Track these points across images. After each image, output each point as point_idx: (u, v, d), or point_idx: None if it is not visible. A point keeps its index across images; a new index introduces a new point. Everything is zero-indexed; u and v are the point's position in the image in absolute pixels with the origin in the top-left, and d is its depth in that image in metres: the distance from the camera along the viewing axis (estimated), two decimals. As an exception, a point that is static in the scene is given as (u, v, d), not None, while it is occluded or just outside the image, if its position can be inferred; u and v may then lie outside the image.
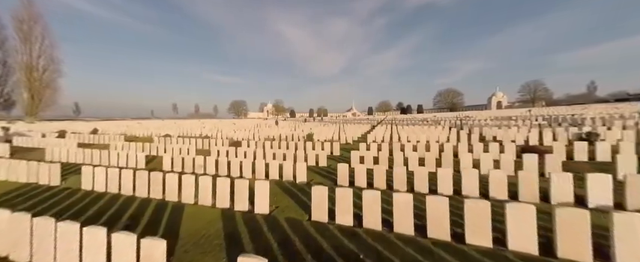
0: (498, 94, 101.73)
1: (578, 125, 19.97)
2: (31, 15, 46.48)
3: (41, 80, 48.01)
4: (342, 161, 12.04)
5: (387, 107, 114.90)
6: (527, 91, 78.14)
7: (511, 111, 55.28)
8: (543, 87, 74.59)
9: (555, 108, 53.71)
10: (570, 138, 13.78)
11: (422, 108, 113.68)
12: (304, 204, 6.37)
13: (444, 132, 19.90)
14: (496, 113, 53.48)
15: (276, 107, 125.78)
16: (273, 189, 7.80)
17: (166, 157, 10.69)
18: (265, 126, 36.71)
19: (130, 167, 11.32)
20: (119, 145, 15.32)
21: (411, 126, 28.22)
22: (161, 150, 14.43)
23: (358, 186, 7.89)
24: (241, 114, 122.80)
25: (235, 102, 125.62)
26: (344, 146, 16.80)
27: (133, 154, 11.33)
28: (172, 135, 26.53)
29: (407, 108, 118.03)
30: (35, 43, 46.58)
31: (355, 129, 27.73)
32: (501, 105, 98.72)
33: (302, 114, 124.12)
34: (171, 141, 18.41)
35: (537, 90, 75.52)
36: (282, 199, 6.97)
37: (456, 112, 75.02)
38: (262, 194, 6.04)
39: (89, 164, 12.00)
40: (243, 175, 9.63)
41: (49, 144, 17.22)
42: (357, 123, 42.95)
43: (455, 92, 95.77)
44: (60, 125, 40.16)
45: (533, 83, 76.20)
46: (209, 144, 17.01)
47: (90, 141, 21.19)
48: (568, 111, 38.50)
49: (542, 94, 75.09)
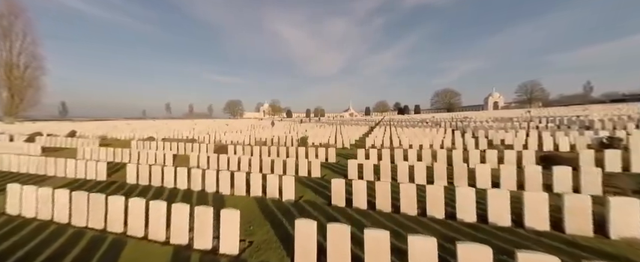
0: (495, 95, 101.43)
1: (589, 128, 18.85)
2: (12, 9, 44.12)
3: (23, 78, 45.66)
4: (339, 171, 10.68)
5: (385, 107, 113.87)
6: (524, 92, 77.56)
7: (509, 112, 54.44)
8: (540, 87, 74.13)
9: (554, 108, 53.04)
10: (590, 144, 12.50)
11: (419, 108, 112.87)
12: (287, 239, 4.87)
13: (447, 135, 18.57)
14: (494, 113, 52.58)
15: (272, 107, 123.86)
16: (251, 213, 6.28)
17: (131, 168, 9.08)
18: (259, 128, 35.15)
19: (89, 179, 9.70)
20: (88, 151, 13.62)
21: (410, 128, 26.90)
22: (135, 156, 12.78)
23: (356, 208, 6.43)
24: (237, 115, 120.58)
25: (231, 102, 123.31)
26: (341, 151, 15.34)
27: (93, 164, 9.68)
28: (157, 137, 24.80)
29: (404, 109, 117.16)
30: (16, 39, 44.24)
31: (353, 131, 26.29)
32: (498, 105, 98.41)
33: (298, 114, 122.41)
34: (150, 146, 16.73)
35: (534, 90, 74.96)
36: (260, 229, 5.46)
37: (453, 113, 74.31)
38: (230, 227, 4.53)
39: (41, 176, 10.34)
40: (220, 190, 8.10)
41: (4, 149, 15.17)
42: (354, 124, 41.57)
43: (452, 92, 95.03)
44: (41, 126, 37.99)
45: (529, 83, 75.69)
46: (192, 148, 15.40)
47: (62, 144, 19.37)
48: (568, 112, 37.59)
49: (539, 95, 74.60)
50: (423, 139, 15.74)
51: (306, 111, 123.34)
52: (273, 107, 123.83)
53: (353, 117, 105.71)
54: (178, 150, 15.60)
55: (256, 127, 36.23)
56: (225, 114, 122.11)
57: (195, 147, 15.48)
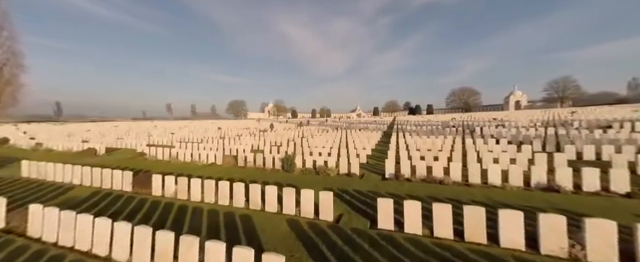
0: (517, 93, 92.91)
1: None
2: (-15, 1, 40.23)
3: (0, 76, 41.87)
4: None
5: (395, 107, 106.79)
6: (554, 89, 68.89)
7: (536, 112, 47.24)
8: (574, 84, 65.11)
9: (600, 108, 45.10)
10: None
11: (432, 108, 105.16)
12: None
13: (508, 150, 12.49)
14: (528, 114, 45.22)
15: (277, 107, 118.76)
16: None
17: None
18: (248, 135, 29.75)
19: None
20: None
21: (433, 134, 20.80)
22: None
23: None
24: (241, 115, 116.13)
25: (234, 102, 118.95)
26: (345, 181, 9.58)
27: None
28: (120, 146, 19.68)
29: (415, 109, 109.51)
30: (-11, 34, 40.31)
31: (363, 138, 20.41)
32: (520, 104, 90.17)
33: (304, 114, 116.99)
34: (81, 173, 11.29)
35: (566, 88, 66.18)
36: None
37: (471, 113, 66.87)
38: None
39: None
40: None
41: None
42: (363, 126, 35.65)
43: (471, 91, 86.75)
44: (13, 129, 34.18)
45: (562, 80, 66.78)
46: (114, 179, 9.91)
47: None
48: (625, 113, 30.10)
49: (573, 93, 65.76)
50: (472, 164, 9.71)
51: (312, 111, 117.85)
52: (278, 107, 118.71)
53: (361, 117, 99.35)
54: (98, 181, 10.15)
55: (244, 135, 30.80)
56: (228, 115, 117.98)
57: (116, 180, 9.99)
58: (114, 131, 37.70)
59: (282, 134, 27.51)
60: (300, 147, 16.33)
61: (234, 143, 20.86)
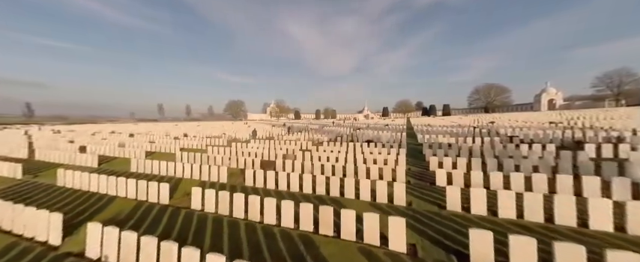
0: (550, 90, 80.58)
1: None
2: None
3: None
4: None
5: (408, 107, 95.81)
6: (606, 84, 56.69)
7: (582, 112, 37.01)
8: (634, 78, 52.78)
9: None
10: None
11: (448, 108, 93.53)
12: None
13: None
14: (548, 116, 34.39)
15: (279, 107, 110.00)
16: None
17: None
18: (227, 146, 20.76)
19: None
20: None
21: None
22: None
23: None
24: (239, 115, 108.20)
25: (232, 103, 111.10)
26: None
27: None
28: None
29: (430, 109, 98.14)
30: None
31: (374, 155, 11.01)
32: (555, 104, 78.05)
33: (307, 115, 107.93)
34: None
35: (623, 82, 53.95)
36: None
37: (496, 114, 55.96)
38: None
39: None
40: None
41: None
42: (372, 129, 26.20)
43: (498, 88, 74.91)
44: None
45: (616, 73, 54.54)
46: None
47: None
48: None
49: (632, 88, 53.39)
50: None
51: (316, 113, 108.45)
52: (280, 107, 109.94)
53: (369, 119, 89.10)
54: None
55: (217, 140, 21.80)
56: (226, 116, 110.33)
57: None
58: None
59: (259, 148, 18.16)
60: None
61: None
